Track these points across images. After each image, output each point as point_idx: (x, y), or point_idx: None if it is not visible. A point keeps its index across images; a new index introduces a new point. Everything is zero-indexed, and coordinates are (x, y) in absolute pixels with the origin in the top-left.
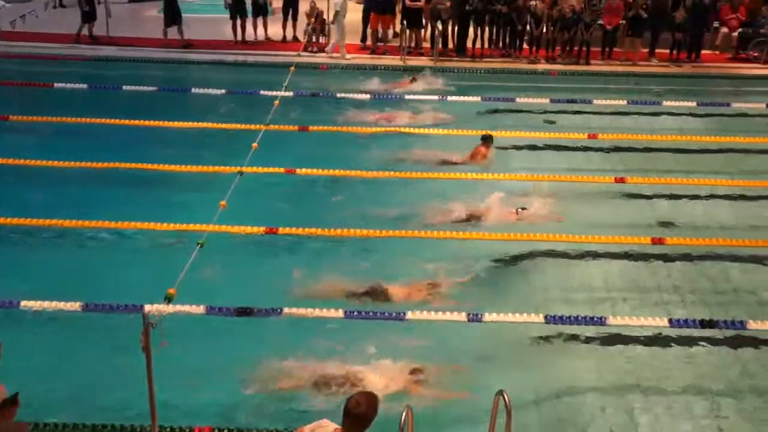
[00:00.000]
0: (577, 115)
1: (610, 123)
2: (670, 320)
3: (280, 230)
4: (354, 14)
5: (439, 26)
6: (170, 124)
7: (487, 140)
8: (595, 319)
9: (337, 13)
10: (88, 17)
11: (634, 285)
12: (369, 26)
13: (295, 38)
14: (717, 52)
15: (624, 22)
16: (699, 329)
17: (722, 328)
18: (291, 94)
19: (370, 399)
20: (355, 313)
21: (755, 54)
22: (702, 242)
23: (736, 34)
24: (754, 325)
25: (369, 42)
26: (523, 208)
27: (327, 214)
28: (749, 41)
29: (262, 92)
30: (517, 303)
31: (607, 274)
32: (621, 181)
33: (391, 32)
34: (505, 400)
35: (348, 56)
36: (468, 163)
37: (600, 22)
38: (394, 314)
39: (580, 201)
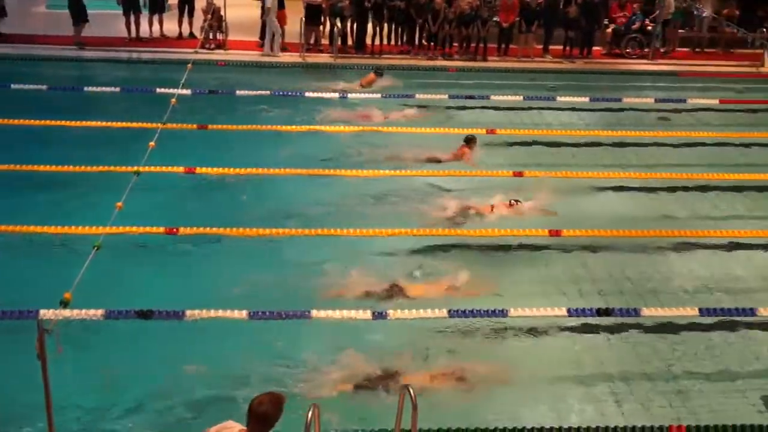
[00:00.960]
0: (475, 110)
1: (507, 118)
2: (568, 310)
3: (181, 230)
4: (243, 10)
5: (338, 23)
6: (63, 123)
7: (470, 141)
8: (497, 311)
9: (268, 10)
10: None
11: (533, 276)
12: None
13: (192, 35)
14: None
15: (519, 19)
16: (596, 317)
17: (618, 316)
18: (189, 92)
19: (273, 398)
20: (260, 313)
21: (628, 51)
22: (597, 233)
23: (609, 30)
24: (647, 312)
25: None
26: (517, 201)
27: (230, 213)
28: (623, 38)
29: (158, 90)
30: (421, 299)
31: (501, 267)
32: (519, 175)
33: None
34: (410, 394)
35: (280, 54)
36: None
37: (496, 18)
38: (300, 313)
39: (479, 195)
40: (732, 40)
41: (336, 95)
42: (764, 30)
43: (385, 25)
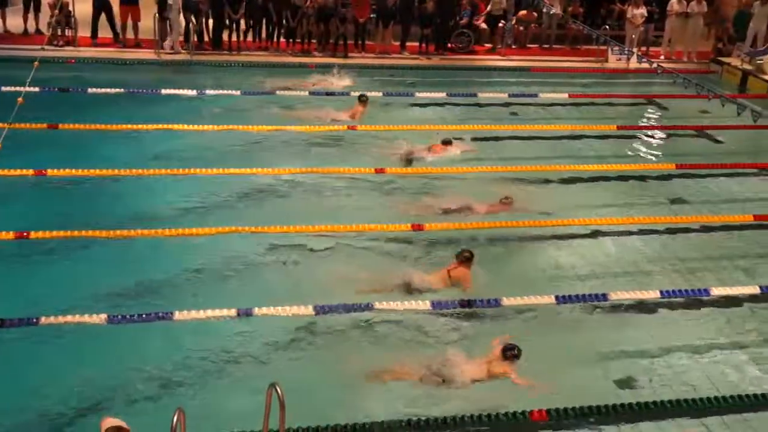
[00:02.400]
0: (336, 106)
1: (368, 114)
2: (431, 303)
3: (32, 235)
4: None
5: (194, 19)
6: None
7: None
8: (363, 305)
9: (170, 8)
10: None
11: (396, 271)
12: (120, 19)
13: (39, 31)
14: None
15: (375, 15)
16: (459, 309)
17: (479, 307)
18: (37, 90)
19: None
20: (119, 317)
21: (458, 45)
22: (458, 226)
23: (482, 25)
24: (508, 302)
25: (122, 36)
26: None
27: (83, 215)
28: (451, 33)
29: (3, 89)
30: (285, 296)
31: (367, 262)
32: (381, 171)
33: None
34: (278, 392)
35: (182, 51)
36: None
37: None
38: (161, 314)
39: (341, 193)
40: (578, 36)
41: (194, 93)
42: (607, 27)
43: (243, 21)
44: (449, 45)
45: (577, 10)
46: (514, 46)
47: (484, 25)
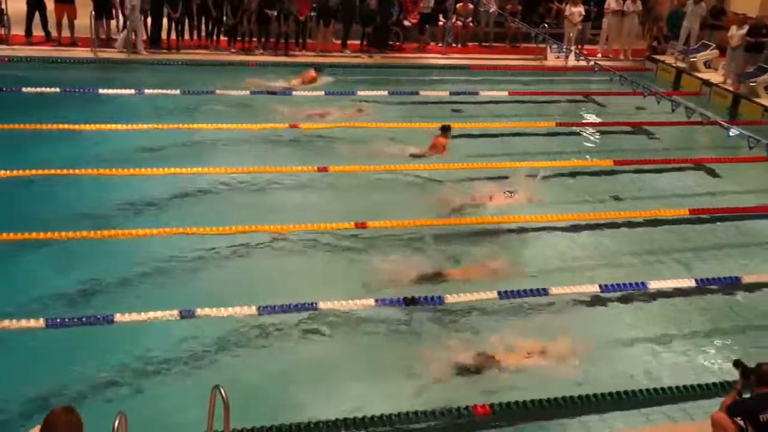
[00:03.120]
0: (280, 106)
1: (311, 113)
2: (376, 300)
3: None
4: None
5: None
6: None
7: (445, 130)
8: (307, 304)
9: (134, 8)
10: None
11: (340, 270)
12: (55, 17)
13: None
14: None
15: (315, 13)
16: (403, 307)
17: (424, 304)
18: None
19: (69, 411)
20: (58, 321)
21: (396, 44)
22: (401, 224)
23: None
24: (451, 299)
25: (55, 34)
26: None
27: (19, 217)
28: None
29: None
30: (228, 296)
31: (311, 262)
32: (324, 170)
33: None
34: (222, 394)
35: (144, 51)
36: (428, 155)
37: (294, 12)
38: (102, 317)
39: (283, 191)
40: (517, 35)
41: (132, 91)
42: (545, 26)
43: (182, 18)
44: (393, 43)
45: (515, 8)
46: (455, 45)
47: (408, 23)
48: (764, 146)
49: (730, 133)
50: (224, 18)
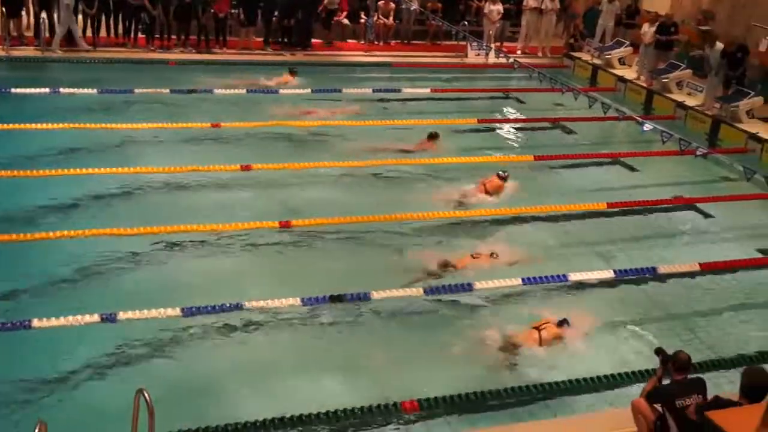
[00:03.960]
0: (199, 104)
1: (231, 111)
2: (302, 299)
3: None
4: None
5: (44, 13)
6: None
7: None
8: (232, 305)
9: (67, 7)
10: None
11: (266, 269)
12: None
13: None
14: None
15: (236, 10)
16: (329, 304)
17: (350, 301)
18: None
19: None
20: None
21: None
22: (325, 222)
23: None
24: (377, 295)
25: None
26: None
27: None
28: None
29: None
30: (154, 298)
31: (238, 261)
32: (247, 168)
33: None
34: (145, 398)
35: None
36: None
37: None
38: (18, 323)
39: (204, 190)
40: (438, 32)
41: (46, 90)
42: (465, 23)
43: (98, 15)
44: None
45: (436, 6)
46: (377, 42)
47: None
48: (677, 140)
49: (645, 128)
50: (142, 14)
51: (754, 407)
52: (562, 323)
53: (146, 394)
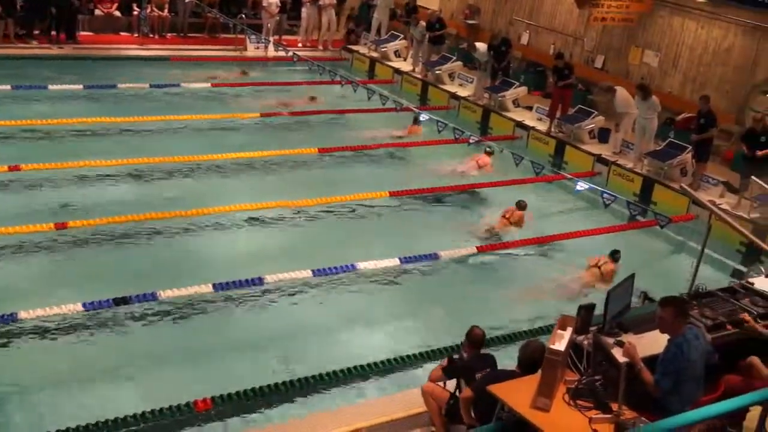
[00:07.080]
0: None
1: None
2: (83, 304)
3: None
4: None
5: None
6: None
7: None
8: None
9: None
10: None
11: (39, 273)
12: None
13: None
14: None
15: None
16: (114, 308)
17: (136, 303)
18: None
19: None
20: None
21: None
22: (105, 221)
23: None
24: (164, 295)
25: None
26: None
27: None
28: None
29: None
30: None
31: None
32: (16, 169)
33: None
34: None
35: None
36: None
37: None
38: None
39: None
40: (215, 25)
41: None
42: (243, 16)
43: None
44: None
45: None
46: (152, 35)
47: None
48: (452, 129)
49: (422, 118)
50: None
51: (531, 378)
52: None
53: None
